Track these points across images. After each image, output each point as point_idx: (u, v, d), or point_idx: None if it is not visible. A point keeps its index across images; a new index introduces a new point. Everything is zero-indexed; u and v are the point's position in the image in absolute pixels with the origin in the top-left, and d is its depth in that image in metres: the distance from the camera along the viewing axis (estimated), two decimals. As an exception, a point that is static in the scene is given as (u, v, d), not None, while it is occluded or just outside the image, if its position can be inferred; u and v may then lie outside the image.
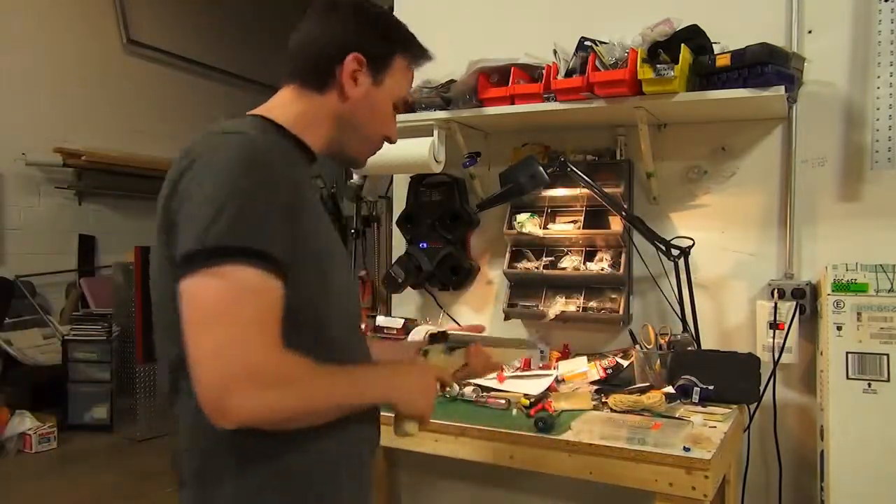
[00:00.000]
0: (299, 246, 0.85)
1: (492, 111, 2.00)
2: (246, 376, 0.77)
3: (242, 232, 0.80)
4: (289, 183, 0.86)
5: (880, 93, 1.74)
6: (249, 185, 0.82)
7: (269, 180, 0.84)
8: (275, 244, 0.82)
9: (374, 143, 1.08)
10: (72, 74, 5.18)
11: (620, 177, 2.06)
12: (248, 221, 0.80)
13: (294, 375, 0.82)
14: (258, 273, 0.79)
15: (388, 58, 1.05)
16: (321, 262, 0.91)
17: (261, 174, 0.83)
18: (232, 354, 0.77)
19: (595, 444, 1.42)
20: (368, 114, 1.03)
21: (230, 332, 0.78)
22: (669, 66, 1.68)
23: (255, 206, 0.81)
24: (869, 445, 1.63)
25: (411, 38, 1.11)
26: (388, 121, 1.07)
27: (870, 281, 1.66)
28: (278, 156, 0.88)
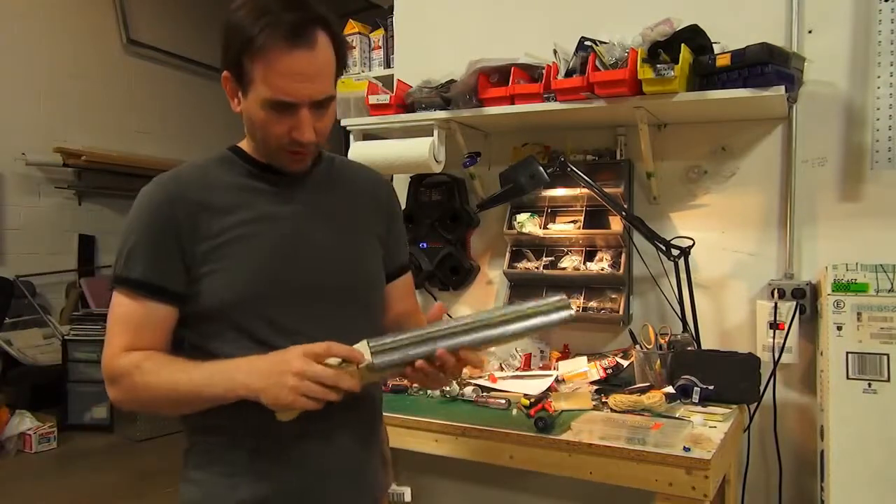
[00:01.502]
0: (198, 254, 1.03)
1: (492, 111, 2.00)
2: (103, 373, 1.04)
3: (120, 264, 1.04)
4: (174, 209, 1.03)
5: (880, 93, 1.74)
6: (128, 225, 1.05)
7: (141, 218, 1.04)
8: (140, 270, 1.02)
9: (282, 148, 1.04)
10: (72, 74, 5.18)
11: (620, 177, 2.06)
12: (123, 255, 1.04)
13: (121, 374, 1.01)
14: (123, 295, 1.03)
15: (239, 66, 1.00)
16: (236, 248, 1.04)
17: (137, 214, 1.05)
18: (102, 357, 1.05)
19: (595, 444, 1.42)
20: (252, 125, 1.04)
21: (105, 342, 1.05)
22: (669, 66, 1.68)
23: (127, 242, 1.04)
24: (869, 445, 1.63)
25: (251, 34, 0.96)
26: (272, 126, 1.01)
27: (870, 281, 1.66)
28: (172, 188, 1.05)
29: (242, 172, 1.10)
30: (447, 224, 2.32)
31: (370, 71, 2.52)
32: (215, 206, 1.05)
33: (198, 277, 1.03)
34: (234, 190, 1.08)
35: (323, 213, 1.13)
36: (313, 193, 1.14)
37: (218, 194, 1.07)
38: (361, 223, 1.19)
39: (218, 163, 1.11)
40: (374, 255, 1.19)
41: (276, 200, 1.10)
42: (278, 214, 1.08)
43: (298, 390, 0.92)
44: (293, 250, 1.08)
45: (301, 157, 1.07)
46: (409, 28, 2.43)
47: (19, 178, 4.84)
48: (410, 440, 1.64)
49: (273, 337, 1.02)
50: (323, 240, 1.11)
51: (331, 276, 1.10)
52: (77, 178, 5.16)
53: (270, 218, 1.07)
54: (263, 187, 1.10)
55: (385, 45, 2.52)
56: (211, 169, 1.10)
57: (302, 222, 1.10)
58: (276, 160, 1.08)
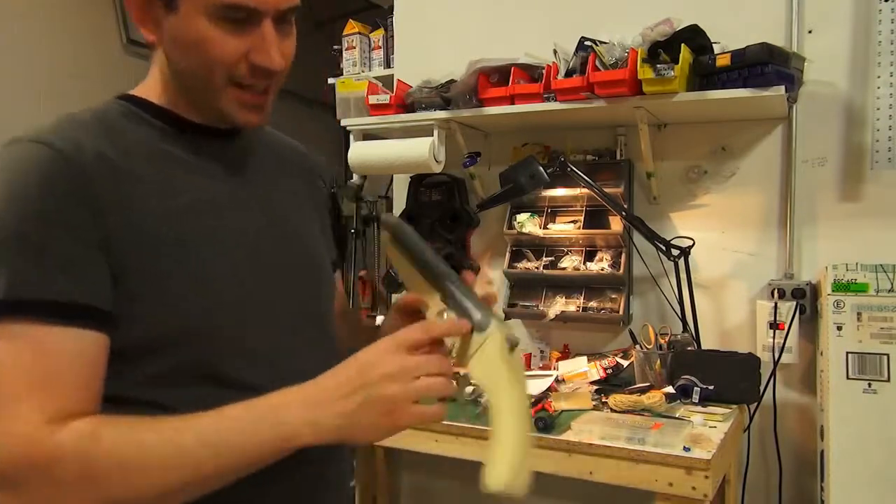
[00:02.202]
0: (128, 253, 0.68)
1: (492, 111, 1.99)
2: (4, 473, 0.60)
3: (8, 281, 0.62)
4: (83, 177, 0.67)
5: (880, 93, 1.74)
6: (13, 216, 0.64)
7: (28, 201, 0.65)
8: (41, 285, 0.63)
9: (232, 85, 0.74)
10: (72, 74, 5.17)
11: (620, 177, 2.06)
12: (10, 264, 0.63)
13: (58, 460, 0.60)
14: (15, 332, 0.62)
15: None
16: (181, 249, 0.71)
17: (21, 194, 0.65)
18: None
19: (595, 444, 1.42)
20: (185, 53, 0.73)
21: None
22: (669, 66, 1.68)
23: (20, 239, 0.63)
24: (869, 445, 1.63)
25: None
26: (220, 48, 0.71)
27: (870, 281, 1.66)
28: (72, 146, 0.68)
29: (155, 132, 0.76)
30: (447, 224, 2.32)
31: (370, 71, 2.52)
32: (144, 178, 0.71)
33: (130, 292, 0.67)
34: (157, 159, 0.74)
35: (269, 198, 0.84)
36: (250, 168, 0.83)
37: (140, 161, 0.72)
38: (306, 209, 0.91)
39: (118, 117, 0.76)
40: (324, 249, 0.92)
41: (214, 176, 0.78)
42: (226, 197, 0.78)
43: (411, 395, 0.64)
44: (257, 248, 0.78)
45: (260, 102, 0.76)
46: (409, 28, 2.43)
47: (19, 178, 4.84)
48: (410, 440, 1.64)
49: (248, 373, 0.73)
50: (284, 233, 0.83)
51: (298, 280, 0.83)
52: (77, 179, 5.17)
53: (220, 202, 0.77)
54: (186, 157, 0.76)
55: (385, 45, 2.52)
56: (113, 123, 0.75)
57: (256, 210, 0.81)
58: (218, 108, 0.75)
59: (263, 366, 0.75)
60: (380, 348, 0.67)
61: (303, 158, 0.97)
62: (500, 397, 0.69)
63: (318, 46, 3.24)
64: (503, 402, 0.68)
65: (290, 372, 0.70)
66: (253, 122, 0.77)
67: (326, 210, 0.98)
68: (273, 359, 0.76)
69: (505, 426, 0.67)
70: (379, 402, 0.64)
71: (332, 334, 0.88)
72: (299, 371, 0.70)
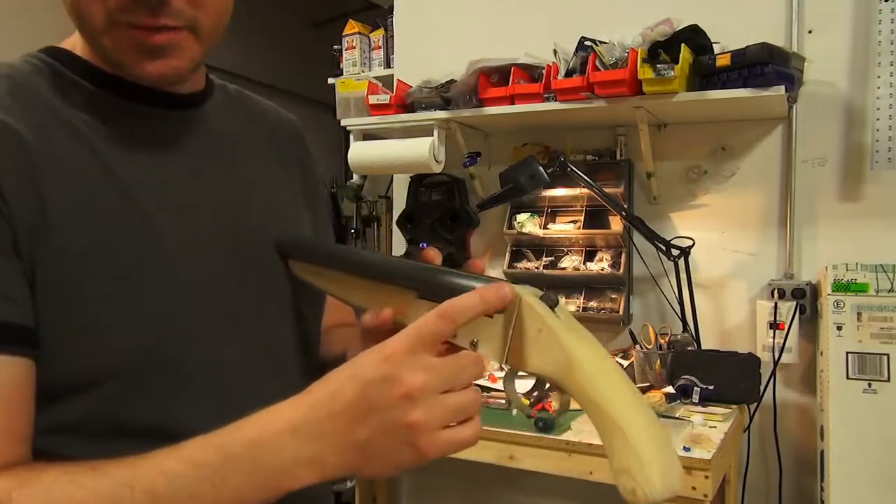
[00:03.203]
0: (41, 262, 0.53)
1: (492, 111, 1.99)
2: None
3: None
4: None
5: (880, 93, 1.74)
6: None
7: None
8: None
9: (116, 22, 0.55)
10: (72, 74, 5.18)
11: (620, 177, 2.06)
12: None
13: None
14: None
15: None
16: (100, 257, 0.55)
17: None
18: None
19: (595, 444, 1.42)
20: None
21: None
22: (669, 66, 1.68)
23: None
24: (869, 445, 1.63)
25: None
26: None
27: (870, 281, 1.66)
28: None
29: (84, 98, 0.59)
30: (447, 224, 2.32)
31: (370, 71, 2.52)
32: (59, 160, 0.55)
33: (47, 309, 0.52)
34: (81, 134, 0.57)
35: (230, 181, 0.67)
36: (209, 144, 0.67)
37: (56, 137, 0.56)
38: (286, 192, 0.75)
39: (32, 76, 0.59)
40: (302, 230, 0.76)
41: (156, 155, 0.61)
42: (165, 183, 0.61)
43: (440, 420, 0.48)
44: (205, 252, 0.62)
45: (160, 43, 0.56)
46: (409, 28, 2.43)
47: (19, 178, 4.83)
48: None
49: (188, 419, 0.54)
50: (246, 233, 0.66)
51: (260, 293, 0.66)
52: (77, 179, 5.16)
53: (158, 192, 0.60)
54: (123, 131, 0.60)
55: (385, 45, 2.52)
56: (25, 87, 0.58)
57: (203, 197, 0.64)
58: (122, 60, 0.57)
59: (206, 409, 0.55)
60: (390, 355, 0.49)
61: (284, 125, 0.80)
62: (580, 373, 0.49)
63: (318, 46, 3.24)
64: (587, 375, 0.49)
65: (244, 414, 0.51)
66: (157, 73, 0.57)
67: (321, 199, 0.82)
68: (221, 401, 0.56)
69: (620, 414, 0.48)
70: (399, 431, 0.48)
71: (308, 361, 0.71)
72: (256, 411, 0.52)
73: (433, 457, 0.49)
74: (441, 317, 0.50)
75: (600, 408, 0.48)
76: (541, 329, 0.50)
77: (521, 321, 0.51)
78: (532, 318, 0.51)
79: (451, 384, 0.49)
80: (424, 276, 0.56)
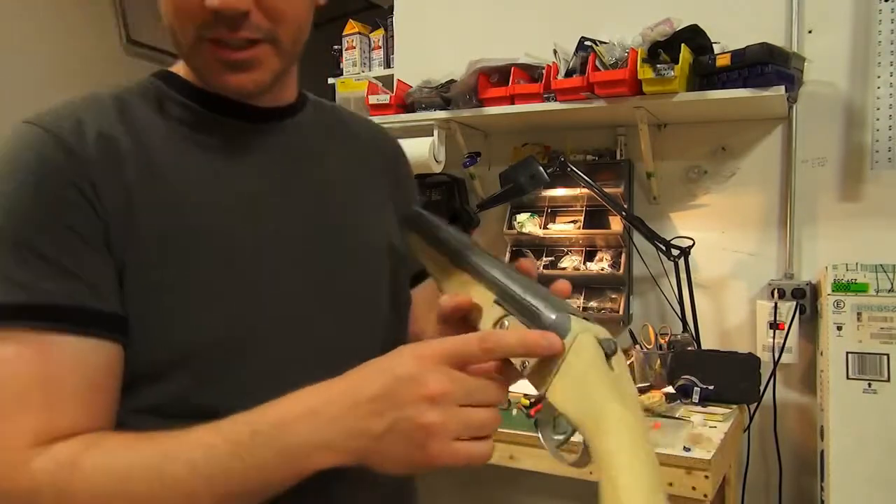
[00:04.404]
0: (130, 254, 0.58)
1: (492, 111, 1.99)
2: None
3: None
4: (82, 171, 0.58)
5: (880, 93, 1.74)
6: (2, 211, 0.56)
7: (23, 193, 0.56)
8: (44, 285, 0.55)
9: (201, 39, 0.61)
10: (72, 74, 5.17)
11: (620, 177, 2.06)
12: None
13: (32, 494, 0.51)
14: (20, 340, 0.54)
15: None
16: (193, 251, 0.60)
17: (16, 188, 0.56)
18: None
19: (595, 444, 1.42)
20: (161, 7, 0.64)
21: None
22: (669, 66, 1.68)
23: (8, 239, 0.55)
24: (869, 445, 1.63)
25: None
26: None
27: (870, 281, 1.66)
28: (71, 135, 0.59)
29: (180, 113, 0.66)
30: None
31: (370, 71, 2.52)
32: (149, 168, 0.61)
33: (131, 299, 0.58)
34: (176, 145, 0.64)
35: (313, 190, 0.71)
36: (296, 154, 0.71)
37: (150, 149, 0.62)
38: (370, 203, 0.77)
39: (142, 96, 0.66)
40: (385, 255, 0.76)
41: (241, 164, 0.66)
42: (249, 190, 0.66)
43: (454, 430, 0.49)
44: (276, 252, 0.65)
45: (242, 59, 0.61)
46: (409, 28, 2.43)
47: (19, 178, 4.84)
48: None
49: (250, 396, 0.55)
50: (317, 231, 0.70)
51: (343, 302, 0.69)
52: (77, 179, 5.17)
53: (241, 196, 0.65)
54: (217, 143, 0.66)
55: (385, 45, 2.52)
56: (134, 104, 0.65)
57: (284, 203, 0.68)
58: (208, 75, 0.63)
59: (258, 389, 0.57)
60: (422, 357, 0.50)
61: (377, 141, 0.83)
62: (606, 439, 0.47)
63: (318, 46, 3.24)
64: (613, 446, 0.46)
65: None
66: (239, 86, 0.62)
67: (410, 197, 0.85)
68: (277, 378, 0.57)
69: (625, 487, 0.45)
70: (413, 430, 0.49)
71: (360, 346, 0.70)
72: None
73: (441, 464, 0.50)
74: (481, 343, 0.51)
75: (608, 473, 0.46)
76: (591, 374, 0.49)
77: (573, 359, 0.49)
78: (583, 358, 0.49)
79: (473, 399, 0.50)
80: (506, 284, 0.56)
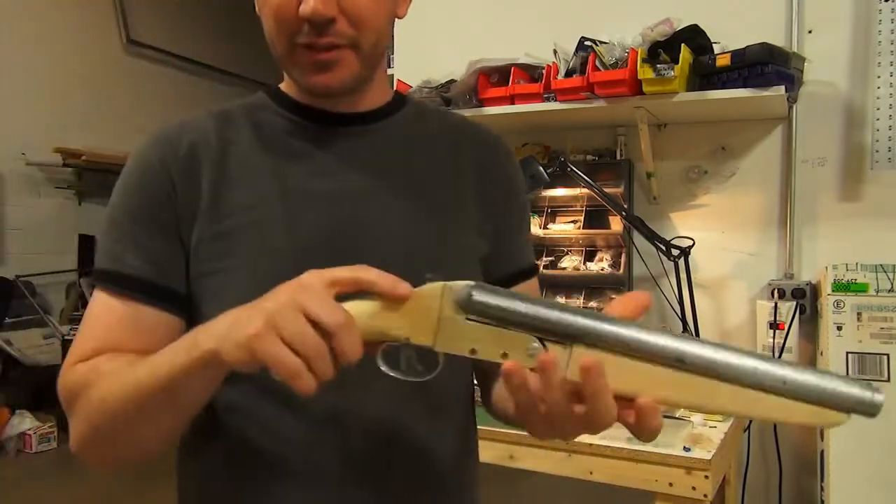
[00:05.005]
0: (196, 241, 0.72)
1: (492, 111, 1.99)
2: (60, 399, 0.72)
3: (99, 252, 0.74)
4: (169, 171, 0.73)
5: (880, 93, 1.74)
6: (112, 199, 0.76)
7: (128, 187, 0.75)
8: (126, 259, 0.71)
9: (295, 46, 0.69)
10: (72, 74, 5.18)
11: (620, 177, 2.06)
12: (103, 238, 0.74)
13: (73, 390, 0.69)
14: (105, 292, 0.72)
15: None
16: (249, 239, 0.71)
17: (123, 182, 0.75)
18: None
19: (595, 444, 1.42)
20: (264, 24, 0.71)
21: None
22: (669, 66, 1.68)
23: (113, 220, 0.74)
24: (869, 445, 1.63)
25: None
26: (276, 7, 0.68)
27: (870, 281, 1.66)
28: (167, 144, 0.74)
29: (277, 121, 0.77)
30: (447, 224, 2.32)
31: (370, 71, 2.52)
32: (229, 171, 0.73)
33: (197, 277, 0.72)
34: (262, 147, 0.75)
35: (397, 188, 0.76)
36: (385, 155, 0.77)
37: (236, 154, 0.74)
38: (459, 205, 0.79)
39: (246, 108, 0.78)
40: (469, 256, 0.79)
41: (325, 164, 0.75)
42: (324, 188, 0.73)
43: (276, 329, 0.51)
44: (341, 247, 0.71)
45: (324, 60, 0.69)
46: (409, 28, 2.42)
47: (19, 178, 4.83)
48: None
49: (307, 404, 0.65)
50: (392, 230, 0.74)
51: None
52: (77, 178, 5.16)
53: (308, 193, 0.73)
54: (304, 146, 0.75)
55: (385, 45, 2.52)
56: (235, 116, 0.77)
57: (360, 201, 0.74)
58: (299, 76, 0.72)
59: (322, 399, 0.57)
60: (320, 273, 0.56)
61: (481, 144, 0.84)
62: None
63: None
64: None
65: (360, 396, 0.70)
66: (324, 84, 0.71)
67: (508, 199, 0.83)
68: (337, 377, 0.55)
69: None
70: (253, 314, 0.54)
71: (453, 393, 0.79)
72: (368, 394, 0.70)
73: (256, 347, 0.52)
74: (351, 269, 0.56)
75: None
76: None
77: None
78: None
79: (308, 309, 0.52)
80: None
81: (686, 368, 0.52)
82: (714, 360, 0.51)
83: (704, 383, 0.52)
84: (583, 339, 0.53)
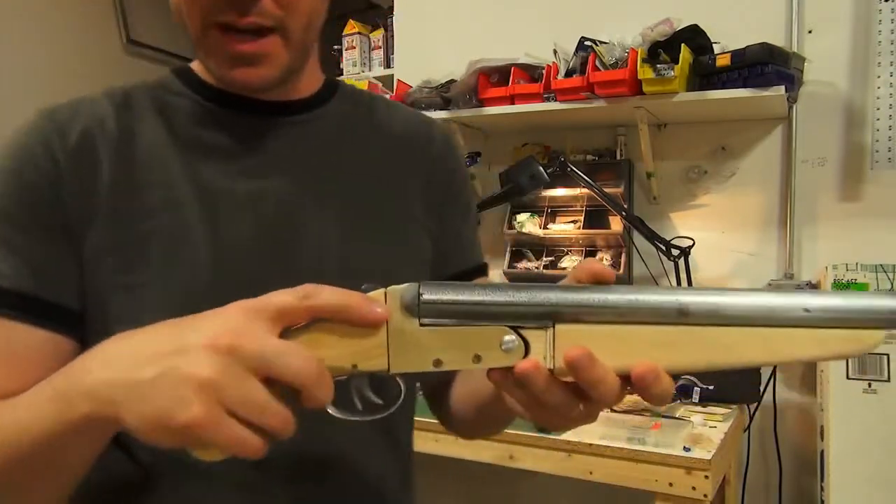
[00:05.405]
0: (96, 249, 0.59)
1: (492, 111, 1.99)
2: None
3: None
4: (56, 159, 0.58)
5: (880, 93, 1.74)
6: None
7: (1, 176, 0.59)
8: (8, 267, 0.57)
9: (209, 27, 0.58)
10: (72, 74, 5.17)
11: (620, 177, 2.06)
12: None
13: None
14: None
15: None
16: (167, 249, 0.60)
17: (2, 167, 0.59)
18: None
19: (595, 444, 1.42)
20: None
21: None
22: (669, 66, 1.68)
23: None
24: (869, 445, 1.63)
25: None
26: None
27: (870, 281, 1.66)
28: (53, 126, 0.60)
29: (187, 107, 0.65)
30: (447, 224, 2.32)
31: (370, 71, 2.53)
32: (134, 166, 0.61)
33: (98, 292, 0.59)
34: (171, 138, 0.63)
35: (329, 188, 0.66)
36: (316, 151, 0.67)
37: (141, 145, 0.62)
38: (400, 204, 0.71)
39: (150, 91, 0.66)
40: (414, 258, 0.70)
41: (246, 161, 0.64)
42: (246, 188, 0.63)
43: (230, 395, 0.40)
44: (268, 258, 0.62)
45: (252, 51, 0.58)
46: (409, 28, 2.43)
47: (19, 178, 4.84)
48: (410, 440, 1.64)
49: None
50: (325, 236, 0.64)
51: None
52: (77, 178, 5.17)
53: (228, 194, 0.62)
54: (220, 138, 0.64)
55: (385, 45, 2.52)
56: (138, 99, 0.64)
57: (287, 204, 0.64)
58: (215, 67, 0.61)
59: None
60: (244, 308, 0.43)
61: (415, 135, 0.75)
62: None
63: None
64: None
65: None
66: (244, 81, 0.60)
67: (450, 194, 0.75)
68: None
69: None
70: (180, 381, 0.40)
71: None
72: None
73: (200, 435, 0.40)
74: (297, 295, 0.43)
75: None
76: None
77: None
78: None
79: (271, 365, 0.41)
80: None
81: (691, 321, 0.44)
82: (721, 303, 0.44)
83: (716, 334, 0.44)
84: (564, 316, 0.45)
